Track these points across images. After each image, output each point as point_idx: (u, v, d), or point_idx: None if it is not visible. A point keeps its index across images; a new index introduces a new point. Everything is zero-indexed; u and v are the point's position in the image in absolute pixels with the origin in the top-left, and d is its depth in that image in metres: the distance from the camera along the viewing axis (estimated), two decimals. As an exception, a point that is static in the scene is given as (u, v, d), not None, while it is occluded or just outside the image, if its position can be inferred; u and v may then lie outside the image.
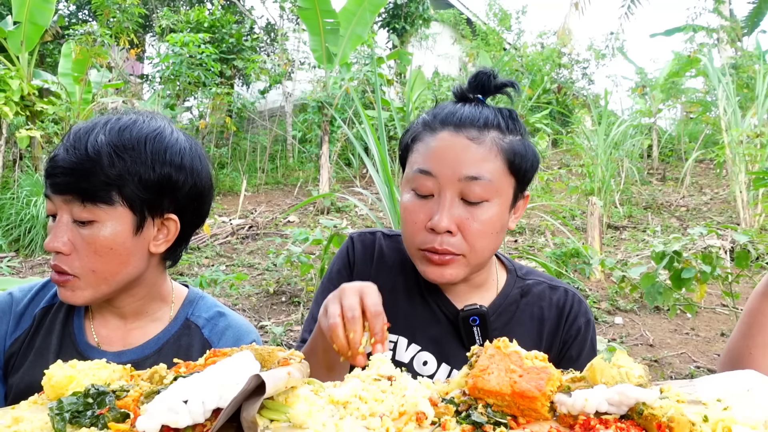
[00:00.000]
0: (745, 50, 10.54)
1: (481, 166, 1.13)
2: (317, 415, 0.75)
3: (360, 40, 9.93)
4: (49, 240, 1.10)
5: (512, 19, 15.67)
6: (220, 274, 4.98)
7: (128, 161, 1.10)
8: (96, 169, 1.08)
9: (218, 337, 1.29)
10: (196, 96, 9.82)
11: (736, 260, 3.13)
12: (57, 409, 0.76)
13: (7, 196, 7.23)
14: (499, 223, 1.16)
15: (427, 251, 1.15)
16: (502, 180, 1.15)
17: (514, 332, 1.25)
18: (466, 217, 1.13)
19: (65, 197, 1.10)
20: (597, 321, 4.42)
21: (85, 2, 12.73)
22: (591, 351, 1.29)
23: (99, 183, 1.08)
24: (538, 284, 1.32)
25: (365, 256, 1.33)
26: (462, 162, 1.13)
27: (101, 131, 1.11)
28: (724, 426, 0.70)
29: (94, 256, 1.11)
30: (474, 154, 1.13)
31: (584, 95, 13.60)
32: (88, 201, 1.09)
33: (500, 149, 1.15)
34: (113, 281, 1.15)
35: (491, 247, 1.18)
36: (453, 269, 1.16)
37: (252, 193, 9.20)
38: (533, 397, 0.75)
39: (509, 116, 1.20)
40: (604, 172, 7.22)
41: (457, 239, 1.13)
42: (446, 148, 1.14)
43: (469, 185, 1.12)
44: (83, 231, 1.11)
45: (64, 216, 1.11)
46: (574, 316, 1.28)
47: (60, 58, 8.86)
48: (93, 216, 1.10)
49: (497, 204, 1.15)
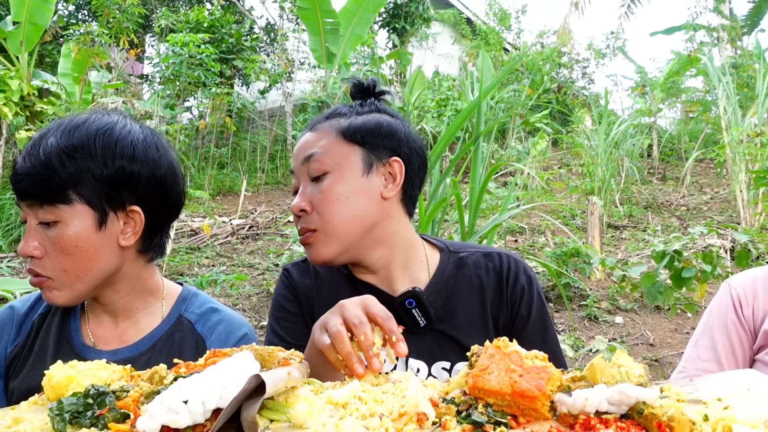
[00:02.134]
0: (745, 49, 10.54)
1: (314, 144, 1.25)
2: (317, 415, 0.75)
3: (360, 40, 9.93)
4: (21, 245, 1.15)
5: (512, 19, 15.67)
6: (221, 275, 4.98)
7: (79, 160, 1.13)
8: (50, 172, 1.11)
9: (210, 331, 1.30)
10: (196, 96, 9.82)
11: (737, 259, 3.13)
12: (57, 409, 0.76)
13: (6, 197, 7.23)
14: (348, 189, 1.22)
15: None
16: (336, 149, 1.23)
17: (457, 307, 1.28)
18: (315, 193, 1.22)
19: (28, 202, 1.14)
20: (597, 320, 4.42)
21: (85, 2, 12.73)
22: (540, 305, 1.31)
23: (54, 185, 1.12)
24: (472, 255, 1.33)
25: (304, 280, 1.36)
26: (301, 149, 1.26)
27: (53, 135, 1.14)
28: (724, 425, 0.70)
29: (62, 255, 1.14)
30: (310, 139, 1.26)
31: (584, 95, 13.61)
32: (47, 203, 1.13)
33: (332, 127, 1.26)
34: (87, 278, 1.17)
35: (344, 213, 1.21)
36: (316, 246, 1.23)
37: (252, 193, 9.20)
38: (533, 397, 0.75)
39: (359, 105, 1.32)
40: (605, 171, 7.22)
41: (313, 216, 1.22)
42: (297, 147, 1.29)
43: (309, 165, 1.23)
44: (49, 232, 1.14)
45: (31, 221, 1.15)
46: (514, 276, 1.30)
47: (59, 59, 8.86)
48: (55, 216, 1.13)
49: (339, 172, 1.22)
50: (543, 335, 1.29)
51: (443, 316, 1.26)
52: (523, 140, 9.86)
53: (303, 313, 1.35)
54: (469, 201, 3.14)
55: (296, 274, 1.38)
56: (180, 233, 6.77)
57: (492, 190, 5.87)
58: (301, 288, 1.36)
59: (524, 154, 8.94)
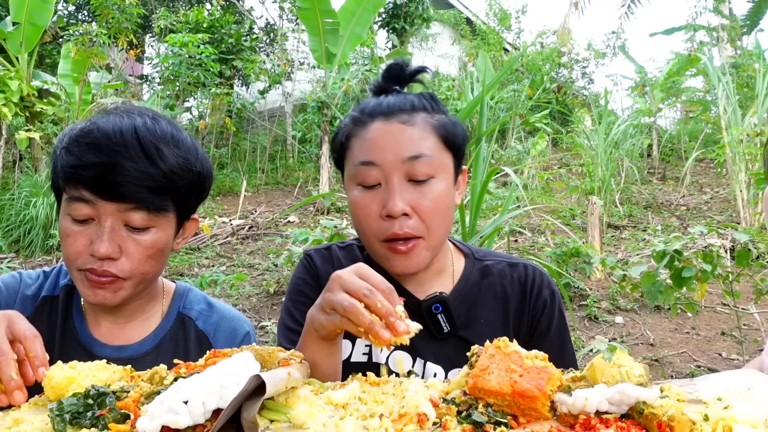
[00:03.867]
0: (745, 49, 10.54)
1: (420, 144, 1.16)
2: (317, 415, 0.75)
3: (359, 40, 9.92)
4: (101, 246, 1.08)
5: (512, 19, 15.67)
6: (221, 275, 4.98)
7: (191, 174, 1.15)
8: (171, 186, 1.12)
9: (213, 329, 1.31)
10: (196, 96, 9.82)
11: (737, 259, 3.12)
12: (57, 410, 0.76)
13: (6, 197, 7.23)
14: (448, 199, 1.19)
15: (390, 242, 1.15)
16: (441, 155, 1.18)
17: (479, 315, 1.27)
18: (417, 197, 1.14)
19: (126, 205, 1.09)
20: (597, 320, 4.42)
21: (85, 3, 12.73)
22: (560, 321, 1.30)
23: (168, 196, 1.12)
24: (498, 263, 1.32)
25: (327, 268, 1.32)
26: (401, 145, 1.15)
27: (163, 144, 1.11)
28: (724, 425, 0.70)
29: (147, 259, 1.14)
30: (410, 135, 1.16)
31: (584, 95, 13.60)
32: (154, 211, 1.12)
33: (432, 127, 1.19)
34: (150, 281, 1.21)
35: (446, 224, 1.19)
36: (418, 255, 1.16)
37: (252, 193, 9.19)
38: (534, 397, 0.75)
39: (431, 98, 1.25)
40: (604, 171, 7.21)
41: (414, 221, 1.14)
42: (382, 136, 1.16)
43: (414, 165, 1.14)
44: (139, 237, 1.12)
45: (113, 221, 1.10)
46: (537, 289, 1.29)
47: (59, 59, 8.86)
48: (152, 223, 1.13)
49: (443, 179, 1.17)
50: (560, 351, 1.28)
51: (465, 323, 1.26)
52: (523, 140, 9.86)
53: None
54: (470, 201, 3.14)
55: (319, 260, 1.34)
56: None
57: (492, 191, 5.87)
58: (323, 275, 1.31)
59: (524, 154, 8.95)
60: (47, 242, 6.63)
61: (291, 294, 1.34)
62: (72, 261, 1.12)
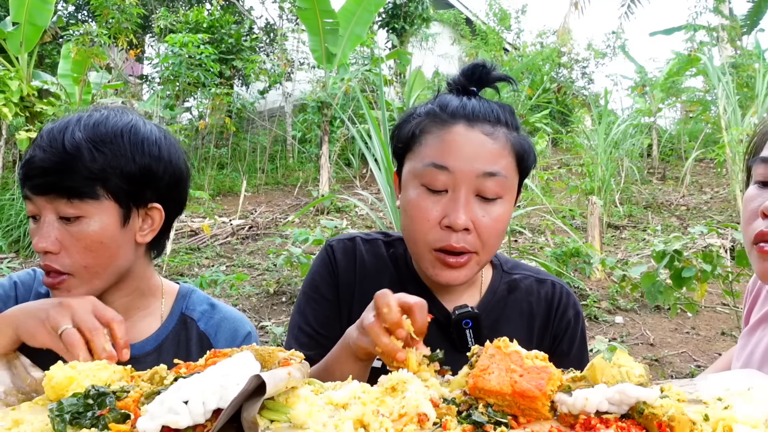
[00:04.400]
0: (745, 49, 10.54)
1: (497, 162, 1.11)
2: (317, 415, 0.75)
3: (359, 40, 9.92)
4: (38, 240, 1.11)
5: (512, 19, 15.67)
6: (221, 275, 4.98)
7: (108, 155, 1.12)
8: (77, 164, 1.09)
9: (214, 330, 1.31)
10: (196, 96, 9.82)
11: (737, 259, 3.12)
12: (57, 410, 0.75)
13: (6, 197, 7.23)
14: (507, 219, 1.15)
15: (441, 252, 1.11)
16: (512, 176, 1.14)
17: (503, 330, 1.23)
18: (482, 214, 1.10)
19: (49, 197, 1.10)
20: (597, 320, 4.41)
21: (84, 3, 12.73)
22: (582, 343, 1.28)
23: (82, 179, 1.10)
24: (525, 278, 1.30)
25: (348, 263, 1.28)
26: (480, 157, 1.10)
27: (76, 128, 1.12)
28: (724, 425, 0.70)
29: (84, 251, 1.12)
30: (491, 150, 1.11)
31: (584, 95, 13.60)
32: (75, 197, 1.10)
33: (511, 145, 1.14)
34: (104, 275, 1.17)
35: (499, 242, 1.16)
36: (467, 270, 1.13)
37: (252, 193, 9.19)
38: (534, 397, 0.75)
39: (511, 113, 1.19)
40: (604, 171, 7.21)
41: (472, 237, 1.10)
42: (463, 142, 1.10)
43: (486, 182, 1.09)
44: (71, 228, 1.11)
45: (48, 215, 1.12)
46: (563, 309, 1.27)
47: (59, 59, 8.86)
48: (80, 212, 1.11)
49: (508, 201, 1.14)
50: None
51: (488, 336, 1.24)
52: (523, 140, 9.84)
53: (339, 300, 1.27)
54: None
55: (340, 254, 1.29)
56: (180, 233, 6.77)
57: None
58: (342, 272, 1.27)
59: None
60: (47, 242, 6.61)
61: (306, 288, 1.30)
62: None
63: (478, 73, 1.20)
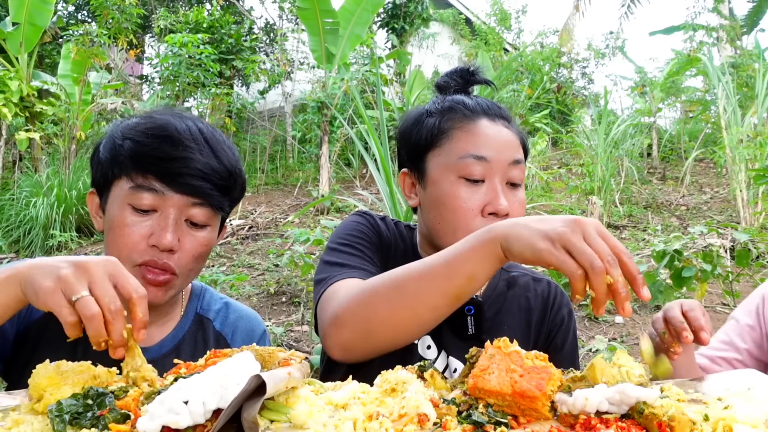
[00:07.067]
0: (745, 49, 10.53)
1: (519, 150, 1.21)
2: (317, 415, 0.75)
3: (359, 40, 9.92)
4: (167, 236, 1.08)
5: (512, 19, 15.67)
6: (221, 275, 4.98)
7: (241, 179, 1.20)
8: (236, 185, 1.16)
9: (231, 330, 1.31)
10: (196, 96, 9.81)
11: (737, 259, 3.13)
12: (57, 410, 0.75)
13: (6, 197, 7.23)
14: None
15: None
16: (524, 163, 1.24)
17: (504, 322, 1.29)
18: (512, 201, 1.18)
19: (192, 199, 1.11)
20: (597, 320, 4.42)
21: (84, 3, 12.73)
22: (573, 339, 1.35)
23: (230, 195, 1.16)
24: (523, 276, 1.37)
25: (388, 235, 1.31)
26: (509, 147, 1.19)
27: (223, 145, 1.17)
28: (724, 425, 0.70)
29: (197, 257, 1.15)
30: (512, 139, 1.21)
31: (584, 95, 13.60)
32: (216, 208, 1.14)
33: (519, 136, 1.24)
34: (190, 281, 1.20)
35: None
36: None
37: (252, 193, 9.19)
38: (534, 397, 0.75)
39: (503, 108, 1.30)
40: (604, 171, 7.21)
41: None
42: (494, 134, 1.19)
43: (514, 169, 1.18)
44: (197, 233, 1.13)
45: (177, 214, 1.11)
46: (558, 306, 1.34)
47: (59, 59, 8.85)
48: (209, 221, 1.15)
49: (523, 187, 1.23)
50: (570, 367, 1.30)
51: (489, 328, 1.27)
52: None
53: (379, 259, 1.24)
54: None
55: (380, 222, 1.32)
56: (180, 234, 6.76)
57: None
58: (384, 236, 1.30)
59: (524, 154, 8.92)
60: (47, 242, 6.63)
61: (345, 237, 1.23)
62: (128, 253, 1.09)
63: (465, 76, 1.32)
